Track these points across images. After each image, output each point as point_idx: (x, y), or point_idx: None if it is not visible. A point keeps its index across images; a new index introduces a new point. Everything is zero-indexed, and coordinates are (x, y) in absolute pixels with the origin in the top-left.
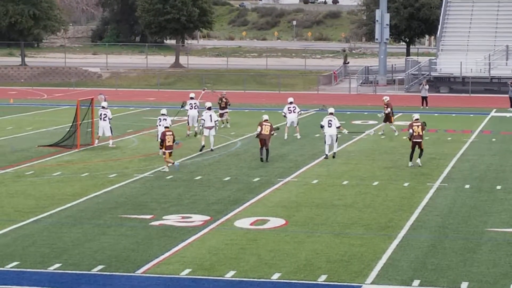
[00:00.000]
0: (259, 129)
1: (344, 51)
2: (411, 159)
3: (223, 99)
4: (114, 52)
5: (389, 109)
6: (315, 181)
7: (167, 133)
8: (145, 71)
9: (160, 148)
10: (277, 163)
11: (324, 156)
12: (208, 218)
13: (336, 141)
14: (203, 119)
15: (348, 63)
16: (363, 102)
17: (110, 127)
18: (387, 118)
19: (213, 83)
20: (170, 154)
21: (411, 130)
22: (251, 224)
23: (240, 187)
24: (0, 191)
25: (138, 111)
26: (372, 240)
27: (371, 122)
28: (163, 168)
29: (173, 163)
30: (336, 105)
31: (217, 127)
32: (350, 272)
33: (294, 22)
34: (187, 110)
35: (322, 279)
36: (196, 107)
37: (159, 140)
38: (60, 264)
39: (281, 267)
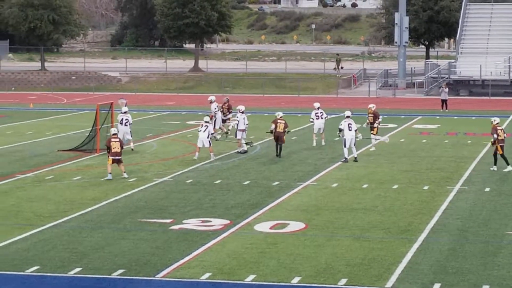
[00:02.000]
0: (273, 126)
1: (338, 54)
2: (495, 163)
3: (226, 104)
4: (133, 57)
5: (377, 119)
6: (334, 185)
7: (113, 139)
8: (164, 75)
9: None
10: (296, 166)
11: (344, 159)
12: (227, 222)
13: (355, 144)
14: (237, 121)
15: (342, 68)
16: (383, 106)
17: (130, 131)
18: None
19: (232, 87)
20: (114, 161)
21: (495, 135)
22: (270, 228)
23: (259, 191)
24: (20, 196)
25: (157, 115)
26: (392, 243)
27: (390, 125)
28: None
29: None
30: (355, 108)
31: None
32: (370, 275)
33: (313, 26)
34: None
35: (342, 282)
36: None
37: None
38: (80, 269)
39: (301, 271)
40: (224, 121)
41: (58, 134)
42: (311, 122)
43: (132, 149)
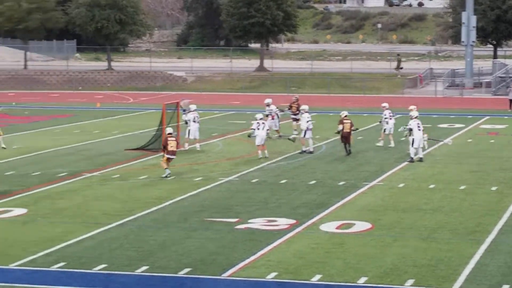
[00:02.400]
0: (340, 127)
1: (399, 55)
2: None
3: (296, 103)
4: (198, 56)
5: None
6: (401, 185)
7: (170, 138)
8: (230, 75)
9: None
10: (362, 166)
11: (410, 159)
12: (293, 221)
13: (422, 145)
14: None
15: (401, 68)
16: (449, 106)
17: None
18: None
19: (297, 87)
20: (169, 160)
21: None
22: (336, 228)
23: (325, 190)
24: (87, 194)
25: (222, 115)
26: (459, 244)
27: (457, 125)
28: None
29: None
30: (421, 108)
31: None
32: (438, 276)
33: (379, 25)
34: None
35: (409, 283)
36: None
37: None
38: (147, 267)
39: (367, 271)
40: (294, 120)
41: (124, 133)
42: (383, 122)
43: (198, 149)
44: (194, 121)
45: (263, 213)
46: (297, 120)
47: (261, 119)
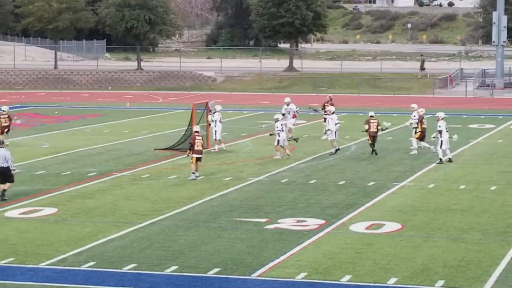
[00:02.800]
0: (366, 126)
1: (422, 55)
2: None
3: (329, 102)
4: (228, 56)
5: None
6: (431, 185)
7: (197, 137)
8: (259, 75)
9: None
10: (392, 167)
11: (439, 160)
12: (323, 222)
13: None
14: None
15: (424, 69)
16: (480, 106)
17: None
18: None
19: (327, 87)
20: (197, 159)
21: None
22: (366, 228)
23: (355, 191)
24: (117, 194)
25: (252, 114)
26: (490, 245)
27: (487, 126)
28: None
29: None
30: (451, 108)
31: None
32: (468, 277)
33: (409, 25)
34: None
35: (439, 284)
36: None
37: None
38: (176, 267)
39: (397, 272)
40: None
41: (154, 133)
42: (411, 124)
43: (224, 149)
44: (220, 122)
45: (293, 213)
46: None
47: (282, 119)
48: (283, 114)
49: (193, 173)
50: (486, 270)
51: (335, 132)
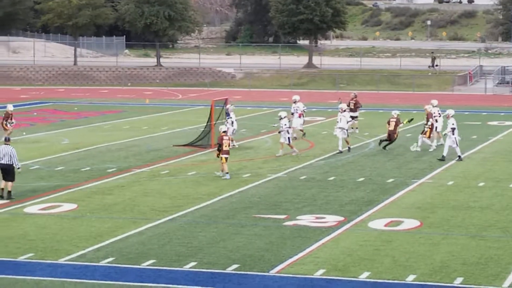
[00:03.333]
0: (387, 125)
1: (433, 53)
2: None
3: (354, 99)
4: (247, 53)
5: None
6: (450, 183)
7: (225, 137)
8: (278, 71)
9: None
10: (411, 164)
11: (458, 158)
12: (342, 218)
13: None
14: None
15: (437, 65)
16: (499, 103)
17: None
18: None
19: (346, 84)
20: (226, 159)
21: None
22: (385, 225)
23: (374, 188)
24: (136, 190)
25: (271, 111)
26: (509, 242)
27: (507, 123)
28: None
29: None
30: (471, 105)
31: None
32: (487, 275)
33: (429, 22)
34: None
35: (458, 281)
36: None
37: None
38: (195, 263)
39: (416, 269)
40: (353, 118)
41: (173, 130)
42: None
43: (237, 147)
44: (235, 121)
45: (312, 209)
46: (354, 117)
47: (285, 117)
48: (292, 114)
49: (227, 173)
50: (505, 268)
51: (347, 130)
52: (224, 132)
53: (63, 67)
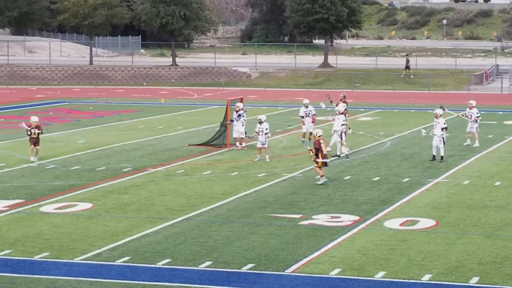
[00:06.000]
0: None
1: (407, 55)
2: None
3: (342, 101)
4: (263, 52)
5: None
6: (466, 182)
7: (322, 141)
8: (294, 71)
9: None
10: (427, 163)
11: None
12: (357, 218)
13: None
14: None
15: (410, 69)
16: None
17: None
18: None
19: (361, 83)
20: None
21: None
22: (400, 225)
23: (389, 187)
24: (152, 190)
25: (286, 111)
26: None
27: None
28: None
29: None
30: (487, 105)
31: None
32: (503, 274)
33: (444, 21)
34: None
35: (474, 281)
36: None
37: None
38: (210, 262)
39: (432, 268)
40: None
41: (188, 129)
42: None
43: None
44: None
45: (327, 209)
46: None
47: (265, 121)
48: (302, 117)
49: (322, 176)
50: None
51: (342, 133)
52: (319, 136)
53: (79, 67)
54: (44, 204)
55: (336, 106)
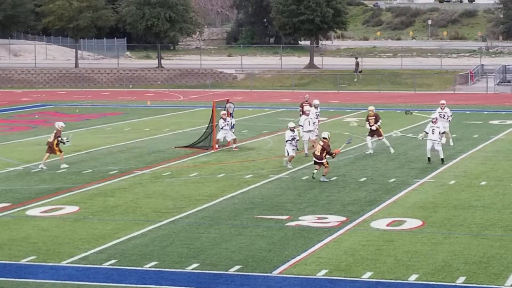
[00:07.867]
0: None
1: (356, 58)
2: None
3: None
4: (248, 54)
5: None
6: (452, 182)
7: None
8: (280, 72)
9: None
10: (413, 163)
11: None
12: (344, 218)
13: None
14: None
15: (361, 72)
16: (501, 102)
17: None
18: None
19: (347, 84)
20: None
21: None
22: (387, 225)
23: (376, 187)
24: (138, 192)
25: (272, 112)
26: (511, 241)
27: (509, 122)
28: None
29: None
30: (472, 105)
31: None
32: (489, 274)
33: (429, 22)
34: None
35: (460, 281)
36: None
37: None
38: (197, 264)
39: (418, 268)
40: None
41: (174, 131)
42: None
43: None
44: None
45: (314, 210)
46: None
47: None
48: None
49: (324, 175)
50: (507, 267)
51: (311, 132)
52: (324, 138)
53: (64, 70)
54: (30, 207)
55: (300, 111)
